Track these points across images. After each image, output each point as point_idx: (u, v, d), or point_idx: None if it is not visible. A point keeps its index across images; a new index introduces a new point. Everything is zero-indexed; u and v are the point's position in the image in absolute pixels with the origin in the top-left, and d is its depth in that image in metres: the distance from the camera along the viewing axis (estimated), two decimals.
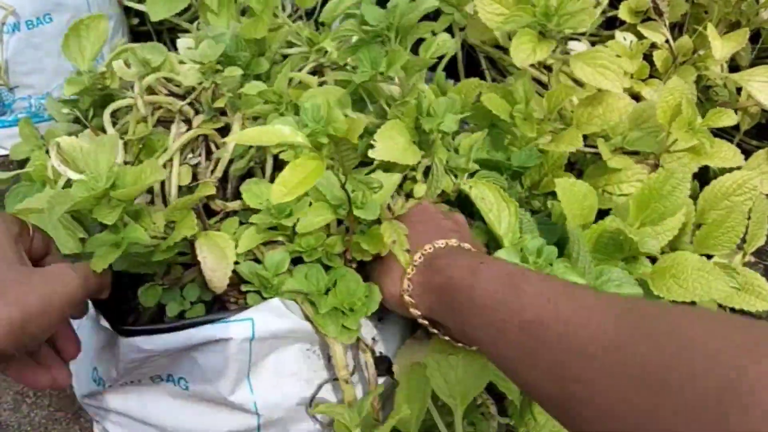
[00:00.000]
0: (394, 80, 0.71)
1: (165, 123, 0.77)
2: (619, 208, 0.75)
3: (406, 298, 0.61)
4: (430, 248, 0.62)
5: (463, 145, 0.76)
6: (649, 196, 0.72)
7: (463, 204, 0.74)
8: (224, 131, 0.75)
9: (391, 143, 0.68)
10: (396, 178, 0.69)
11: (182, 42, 0.83)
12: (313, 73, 0.82)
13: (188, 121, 0.76)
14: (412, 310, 0.61)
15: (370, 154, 0.67)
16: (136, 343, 0.61)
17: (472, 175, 0.76)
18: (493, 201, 0.70)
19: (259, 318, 0.62)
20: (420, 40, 0.74)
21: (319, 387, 0.67)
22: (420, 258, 0.62)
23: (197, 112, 0.76)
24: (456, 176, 0.75)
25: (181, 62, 0.77)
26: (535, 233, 0.72)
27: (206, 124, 0.74)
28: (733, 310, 0.76)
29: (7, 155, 1.08)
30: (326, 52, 0.83)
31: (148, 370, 0.66)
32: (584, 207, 0.72)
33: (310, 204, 0.66)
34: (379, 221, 0.66)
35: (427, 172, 0.73)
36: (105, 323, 0.62)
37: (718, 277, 0.69)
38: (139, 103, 0.72)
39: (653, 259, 0.73)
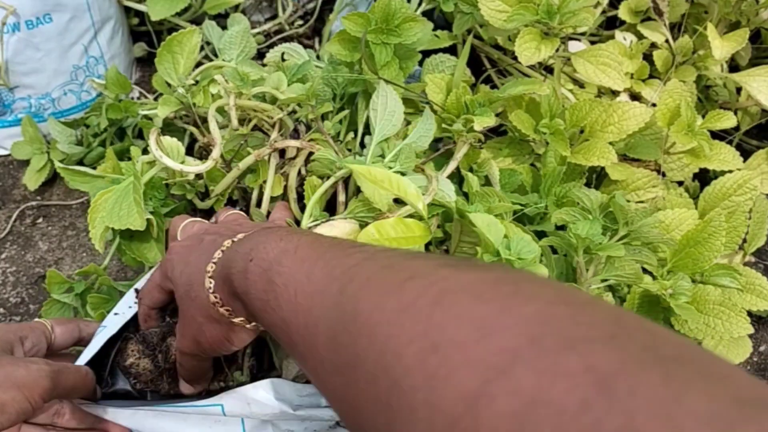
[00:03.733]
0: None
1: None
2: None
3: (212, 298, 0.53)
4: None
5: None
6: (686, 243, 0.72)
7: None
8: None
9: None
10: None
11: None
12: None
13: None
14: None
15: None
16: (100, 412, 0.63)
17: None
18: None
19: (228, 404, 0.62)
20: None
21: None
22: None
23: (296, 129, 0.78)
24: None
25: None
26: None
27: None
28: None
29: (7, 155, 1.08)
30: None
31: None
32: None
33: None
34: None
35: None
36: None
37: (740, 312, 0.69)
38: (232, 114, 0.73)
39: None
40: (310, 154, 0.73)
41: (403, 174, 0.70)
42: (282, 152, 0.77)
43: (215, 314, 0.53)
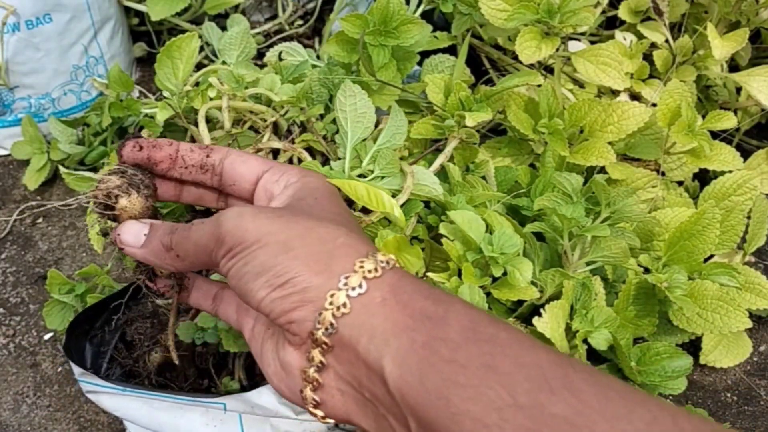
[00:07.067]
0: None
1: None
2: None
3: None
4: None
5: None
6: (680, 235, 0.72)
7: None
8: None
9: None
10: None
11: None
12: None
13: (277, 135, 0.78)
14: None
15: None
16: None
17: None
18: None
19: (231, 404, 0.63)
20: None
21: None
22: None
23: (289, 129, 0.78)
24: None
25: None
26: None
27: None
28: None
29: (7, 155, 1.08)
30: None
31: None
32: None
33: None
34: None
35: None
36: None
37: (738, 307, 0.69)
38: (225, 116, 0.73)
39: None
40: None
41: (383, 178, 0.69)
42: (276, 153, 0.77)
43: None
